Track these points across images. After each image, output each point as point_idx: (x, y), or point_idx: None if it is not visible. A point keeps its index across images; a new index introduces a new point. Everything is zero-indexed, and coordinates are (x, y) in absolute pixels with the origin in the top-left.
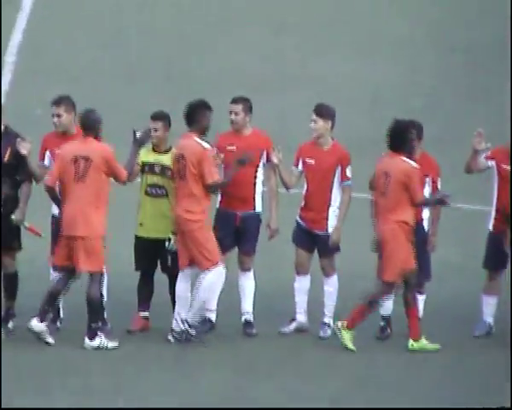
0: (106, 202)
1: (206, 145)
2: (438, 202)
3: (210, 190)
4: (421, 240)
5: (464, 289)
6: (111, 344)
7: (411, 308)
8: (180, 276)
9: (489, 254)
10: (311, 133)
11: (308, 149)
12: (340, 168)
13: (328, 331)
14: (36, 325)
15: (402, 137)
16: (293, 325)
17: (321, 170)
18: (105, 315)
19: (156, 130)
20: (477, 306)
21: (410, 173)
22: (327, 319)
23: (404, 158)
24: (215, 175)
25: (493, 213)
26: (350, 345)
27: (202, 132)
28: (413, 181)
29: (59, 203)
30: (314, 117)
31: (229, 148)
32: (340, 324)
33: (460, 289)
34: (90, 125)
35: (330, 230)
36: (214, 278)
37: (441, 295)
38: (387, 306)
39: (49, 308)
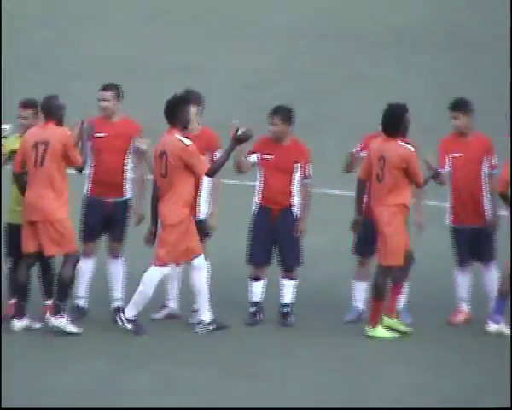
0: (66, 186)
1: (187, 142)
2: (433, 177)
3: (211, 174)
4: (291, 225)
5: (335, 275)
6: (71, 329)
7: (397, 285)
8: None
9: (359, 239)
10: None
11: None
12: (209, 154)
13: (196, 318)
14: (17, 324)
15: (397, 121)
16: (163, 312)
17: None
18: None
19: (26, 118)
20: (348, 291)
21: (407, 157)
22: (197, 306)
23: (401, 142)
24: (205, 165)
25: (365, 199)
26: (387, 334)
27: (184, 127)
28: (412, 165)
29: (24, 189)
30: None
31: (99, 134)
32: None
33: (331, 275)
34: (52, 111)
35: (202, 216)
36: (157, 274)
37: (313, 281)
38: (258, 291)
39: (23, 302)
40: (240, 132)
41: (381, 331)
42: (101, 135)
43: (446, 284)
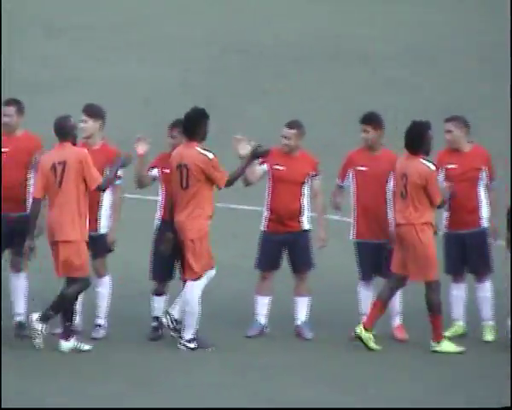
0: (86, 207)
1: (210, 155)
2: (451, 197)
3: (227, 185)
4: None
5: (238, 290)
6: (86, 347)
7: (381, 302)
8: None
9: (261, 254)
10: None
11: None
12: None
13: (101, 332)
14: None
15: (419, 138)
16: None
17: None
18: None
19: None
20: (251, 306)
21: (427, 175)
22: (100, 321)
23: (422, 160)
24: (225, 177)
25: (266, 214)
26: (372, 345)
27: (202, 140)
28: (430, 183)
29: (36, 216)
30: (84, 117)
31: (3, 150)
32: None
33: (234, 290)
34: (66, 132)
35: (103, 230)
36: (198, 290)
37: (216, 296)
38: (159, 306)
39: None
40: (258, 148)
41: (446, 346)
42: (5, 150)
43: (351, 298)
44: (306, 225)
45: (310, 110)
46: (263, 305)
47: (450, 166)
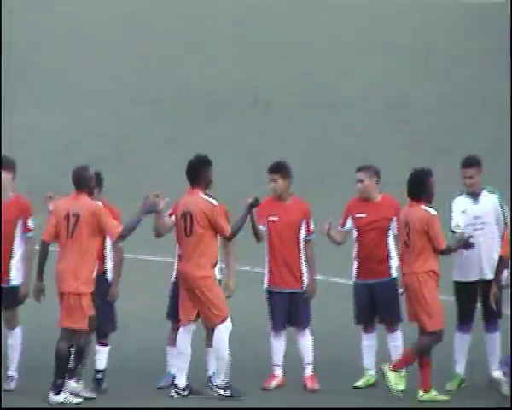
0: (95, 259)
1: (214, 202)
2: (463, 247)
3: (230, 239)
4: (104, 290)
5: (148, 341)
6: (75, 400)
7: (426, 358)
8: (183, 331)
9: (171, 304)
10: None
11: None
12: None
13: (12, 384)
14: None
15: (421, 186)
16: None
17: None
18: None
19: None
20: (162, 357)
21: (429, 221)
22: (11, 372)
23: (424, 206)
24: (228, 225)
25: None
26: (397, 386)
27: (206, 187)
28: (433, 229)
29: (44, 259)
30: None
31: None
32: (386, 367)
33: (144, 341)
34: (84, 183)
35: (14, 282)
36: (224, 333)
37: (126, 347)
38: (105, 358)
39: (74, 367)
40: (252, 200)
41: (434, 396)
42: None
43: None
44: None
45: (221, 159)
46: (174, 356)
47: (359, 215)
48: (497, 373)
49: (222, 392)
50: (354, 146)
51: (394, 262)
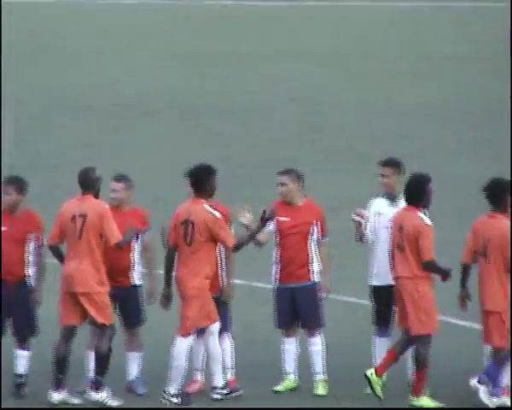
0: (103, 259)
1: (217, 214)
2: (441, 273)
3: (234, 251)
4: (25, 295)
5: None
6: (115, 403)
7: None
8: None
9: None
10: None
11: None
12: None
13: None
14: (55, 396)
15: (419, 191)
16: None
17: None
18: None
19: None
20: (82, 361)
21: (420, 228)
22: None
23: (420, 213)
24: (233, 238)
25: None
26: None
27: (210, 196)
28: (422, 238)
29: (62, 260)
30: None
31: None
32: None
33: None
34: (90, 184)
35: None
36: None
37: (47, 351)
38: (24, 363)
39: (61, 375)
40: (268, 213)
41: (426, 401)
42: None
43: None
44: (137, 281)
45: (142, 165)
46: (92, 360)
47: (282, 219)
48: (473, 382)
49: (175, 400)
50: (274, 151)
51: (315, 267)
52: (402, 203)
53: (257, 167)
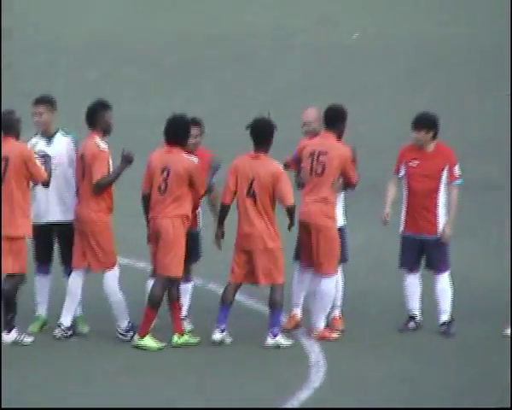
0: (27, 202)
1: (102, 146)
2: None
3: (94, 188)
4: None
5: None
6: (29, 339)
7: (176, 303)
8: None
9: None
10: None
11: None
12: None
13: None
14: (7, 337)
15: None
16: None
17: None
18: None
19: None
20: None
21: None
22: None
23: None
24: (99, 175)
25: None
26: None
27: (106, 132)
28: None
29: None
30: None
31: None
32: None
33: None
34: (11, 126)
35: None
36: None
37: None
38: None
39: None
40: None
41: (148, 341)
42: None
43: None
44: None
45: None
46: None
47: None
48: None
49: (129, 335)
50: None
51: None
52: (57, 141)
53: None
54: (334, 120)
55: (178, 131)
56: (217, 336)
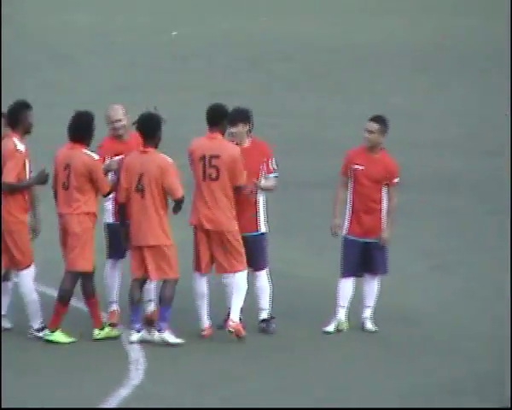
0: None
1: (19, 147)
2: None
3: (2, 186)
4: None
5: None
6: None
7: (93, 298)
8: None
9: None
10: None
11: None
12: None
13: None
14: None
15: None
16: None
17: None
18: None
19: None
20: None
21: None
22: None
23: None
24: (10, 174)
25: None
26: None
27: (25, 132)
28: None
29: None
30: None
31: None
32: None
33: None
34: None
35: None
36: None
37: None
38: None
39: None
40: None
41: (58, 336)
42: None
43: None
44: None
45: None
46: None
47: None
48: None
49: (41, 334)
50: None
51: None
52: None
53: None
54: (218, 118)
55: (80, 128)
56: (134, 337)
